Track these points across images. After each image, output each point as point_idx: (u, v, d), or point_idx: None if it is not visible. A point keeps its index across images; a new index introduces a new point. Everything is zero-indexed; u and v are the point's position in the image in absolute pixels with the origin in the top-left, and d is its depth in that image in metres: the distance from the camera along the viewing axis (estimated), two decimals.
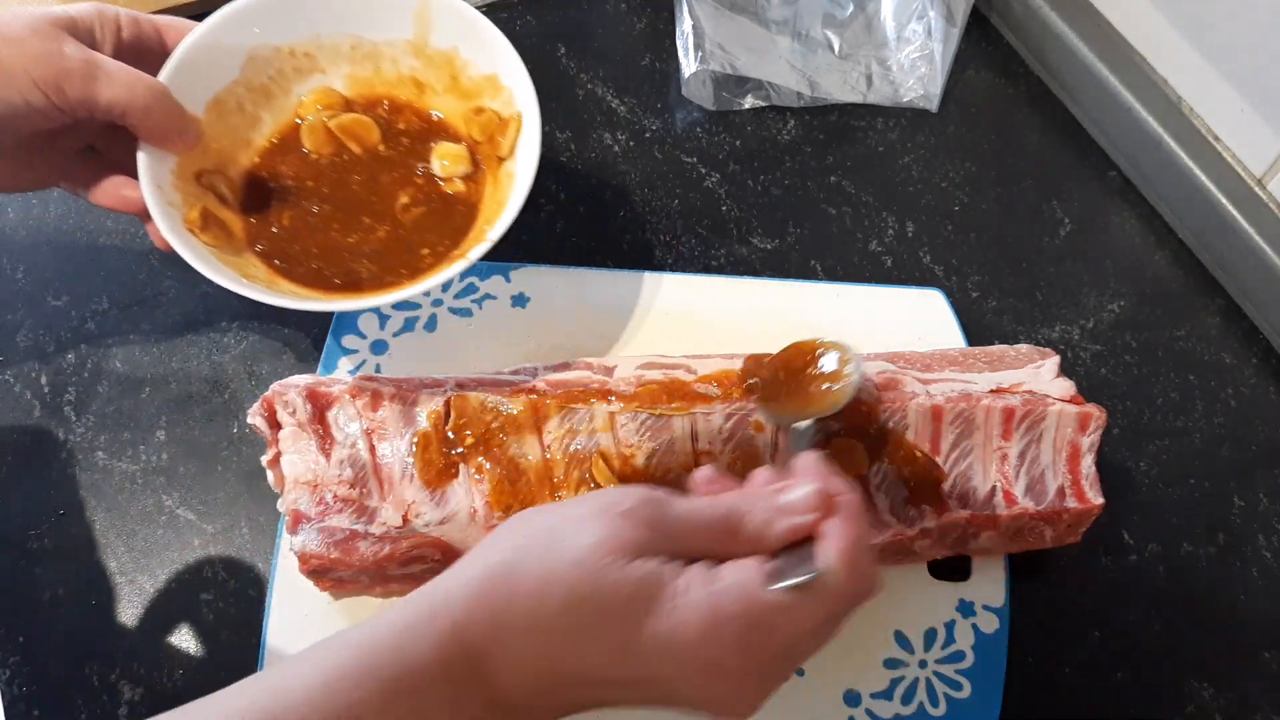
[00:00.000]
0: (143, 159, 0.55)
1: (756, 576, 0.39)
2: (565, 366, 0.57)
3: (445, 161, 0.62)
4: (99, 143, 0.57)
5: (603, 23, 0.81)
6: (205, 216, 0.56)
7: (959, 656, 0.57)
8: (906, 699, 0.56)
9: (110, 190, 0.56)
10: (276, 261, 0.59)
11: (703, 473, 0.45)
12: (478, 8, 0.80)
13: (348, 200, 0.61)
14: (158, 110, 0.53)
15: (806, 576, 0.39)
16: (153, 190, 0.54)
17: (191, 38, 0.57)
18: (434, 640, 0.38)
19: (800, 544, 0.41)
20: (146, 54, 0.56)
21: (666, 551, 0.40)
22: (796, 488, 0.42)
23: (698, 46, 0.75)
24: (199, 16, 0.59)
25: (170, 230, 0.54)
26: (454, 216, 0.61)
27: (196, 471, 0.61)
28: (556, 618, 0.38)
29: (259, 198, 0.60)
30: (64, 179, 0.57)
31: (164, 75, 0.56)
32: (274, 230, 0.59)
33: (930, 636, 0.57)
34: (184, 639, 0.57)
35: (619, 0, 0.82)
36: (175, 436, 0.62)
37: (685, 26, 0.76)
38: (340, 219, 0.60)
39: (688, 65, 0.75)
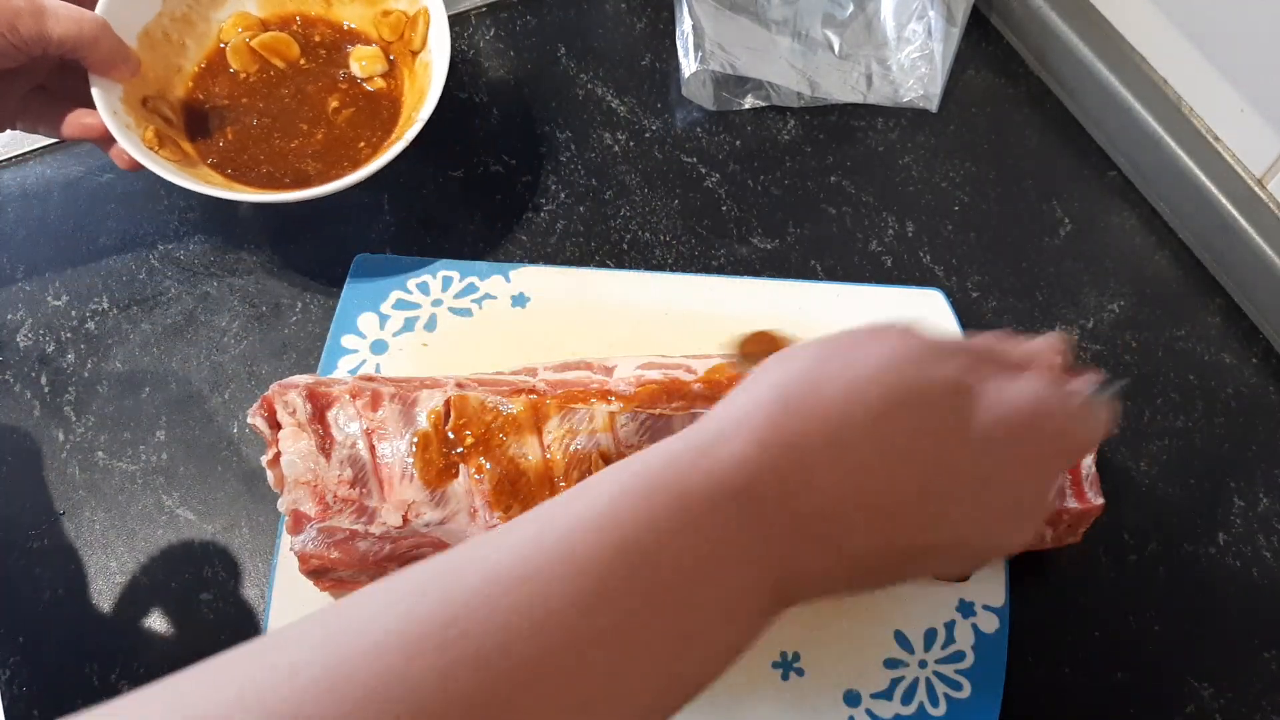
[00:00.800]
0: (96, 90, 0.61)
1: (1058, 384, 0.39)
2: (565, 366, 0.57)
3: (363, 63, 0.69)
4: (48, 82, 0.62)
5: (603, 23, 0.81)
6: (159, 136, 0.63)
7: (959, 656, 0.57)
8: (906, 699, 0.56)
9: (73, 121, 0.62)
10: (229, 171, 0.65)
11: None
12: (477, 8, 0.80)
13: (282, 111, 0.68)
14: (103, 42, 0.59)
15: (1116, 386, 0.41)
16: (110, 115, 0.60)
17: None
18: (734, 457, 0.34)
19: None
20: None
21: (954, 364, 0.38)
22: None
23: (698, 46, 0.75)
24: None
25: (133, 147, 0.60)
26: (380, 111, 0.69)
27: (196, 471, 0.61)
28: (871, 428, 0.35)
29: (200, 120, 0.67)
30: (20, 118, 0.62)
31: (99, 9, 0.61)
32: (220, 145, 0.66)
33: (930, 636, 0.57)
34: (184, 639, 0.57)
35: (619, 0, 0.82)
36: (175, 436, 0.62)
37: (685, 26, 0.76)
38: (279, 128, 0.67)
39: (688, 65, 0.75)
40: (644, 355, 0.58)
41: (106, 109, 0.60)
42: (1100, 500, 0.57)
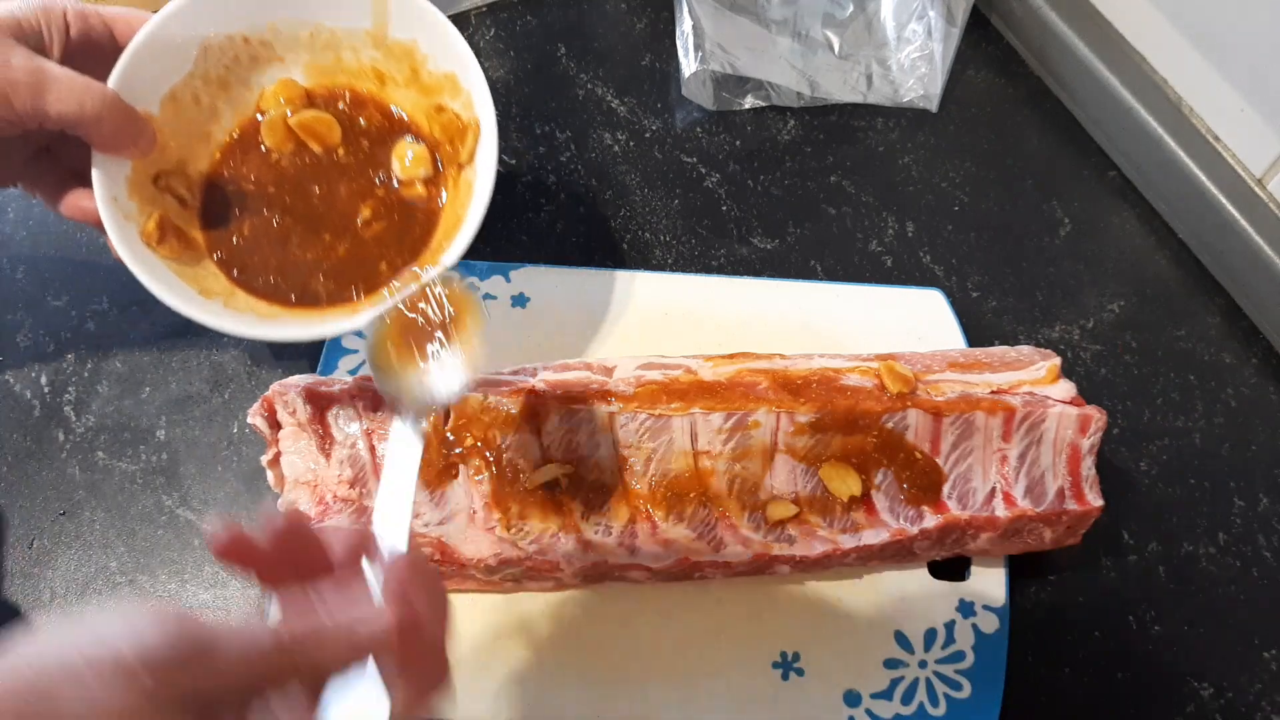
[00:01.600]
0: (97, 172, 0.53)
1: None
2: (565, 367, 0.57)
3: (406, 161, 0.60)
4: (53, 145, 0.56)
5: (603, 23, 0.81)
6: (163, 226, 0.55)
7: (959, 656, 0.57)
8: (906, 699, 0.56)
9: (71, 203, 0.55)
10: (235, 271, 0.57)
11: (281, 522, 0.37)
12: (477, 8, 0.80)
13: (309, 213, 0.59)
14: (109, 119, 0.51)
15: None
16: (107, 203, 0.53)
17: (142, 34, 0.54)
18: None
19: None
20: (96, 51, 0.53)
21: (196, 709, 0.31)
22: (368, 610, 0.36)
23: (698, 46, 0.75)
24: None
25: (124, 246, 0.52)
26: (413, 228, 0.59)
27: (196, 471, 0.61)
28: None
29: (219, 202, 0.58)
30: (20, 181, 0.56)
31: (115, 76, 0.53)
32: (234, 240, 0.58)
33: (930, 636, 0.57)
34: None
35: (619, 0, 0.82)
36: (175, 436, 0.62)
37: (685, 26, 0.76)
38: (300, 232, 0.59)
39: (688, 65, 0.75)
40: (644, 355, 0.58)
41: (105, 195, 0.53)
42: (1100, 502, 0.57)
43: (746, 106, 0.77)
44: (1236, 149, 0.69)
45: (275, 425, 0.54)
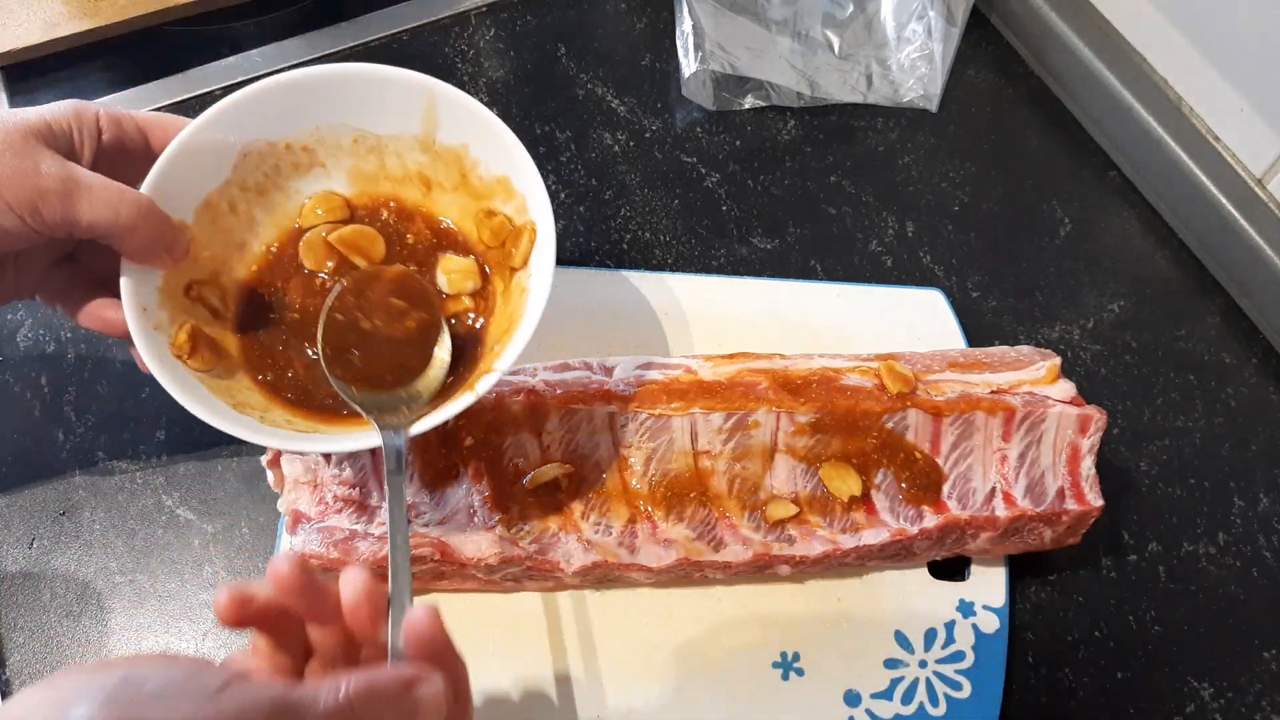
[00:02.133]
0: (126, 282, 0.49)
1: None
2: (565, 367, 0.57)
3: (452, 276, 0.55)
4: (77, 252, 0.53)
5: (603, 23, 0.81)
6: (194, 337, 0.51)
7: (959, 656, 0.57)
8: (906, 699, 0.56)
9: (92, 313, 0.52)
10: (263, 377, 0.53)
11: (285, 569, 0.38)
12: (477, 8, 0.79)
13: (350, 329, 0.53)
14: (143, 228, 0.48)
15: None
16: (136, 314, 0.49)
17: (179, 139, 0.51)
18: None
19: None
20: (129, 155, 0.51)
21: None
22: (425, 686, 0.37)
23: (698, 46, 0.75)
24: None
25: (154, 358, 0.48)
26: (462, 335, 0.55)
27: (196, 471, 0.61)
28: None
29: (257, 314, 0.54)
30: (39, 292, 0.53)
31: (150, 182, 0.50)
32: (271, 355, 0.54)
33: (930, 636, 0.57)
34: (184, 639, 0.57)
35: (619, 0, 0.82)
36: (175, 436, 0.62)
37: (685, 26, 0.76)
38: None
39: (688, 65, 0.75)
40: (644, 355, 0.58)
41: (134, 305, 0.49)
42: (1100, 502, 0.57)
43: (746, 106, 0.77)
44: (1236, 149, 0.69)
45: None
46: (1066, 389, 0.58)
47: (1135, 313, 0.71)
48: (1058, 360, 0.59)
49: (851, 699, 0.56)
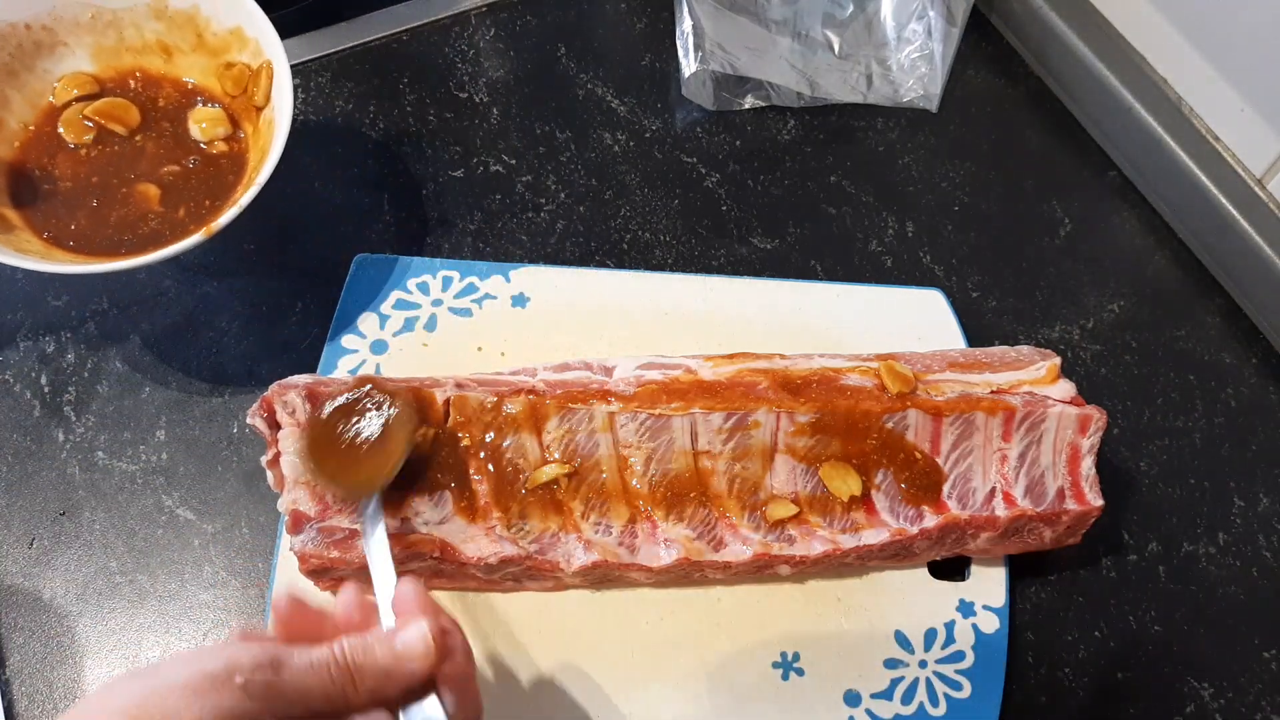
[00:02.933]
0: None
1: None
2: (565, 367, 0.57)
3: (203, 125, 0.63)
4: None
5: (603, 23, 0.81)
6: None
7: (959, 656, 0.57)
8: (906, 699, 0.56)
9: None
10: (70, 244, 0.59)
11: (284, 603, 0.42)
12: (477, 8, 0.80)
13: (117, 185, 0.62)
14: None
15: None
16: None
17: None
18: None
19: (418, 691, 0.41)
20: None
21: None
22: (408, 630, 0.40)
23: (698, 46, 0.75)
24: None
25: None
26: (224, 175, 0.63)
27: (196, 471, 0.61)
28: None
29: (32, 187, 0.61)
30: None
31: None
32: (52, 221, 0.60)
33: (930, 636, 0.57)
34: (184, 639, 0.57)
35: (619, 0, 0.82)
36: (175, 436, 0.62)
37: (685, 26, 0.76)
38: (109, 201, 0.61)
39: (688, 65, 0.75)
40: (644, 355, 0.58)
41: None
42: (1100, 502, 0.57)
43: (746, 106, 0.77)
44: (1236, 149, 0.69)
45: (274, 425, 0.54)
46: (1066, 389, 0.58)
47: (1135, 313, 0.71)
48: (1058, 360, 0.59)
49: (851, 699, 0.56)
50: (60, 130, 0.62)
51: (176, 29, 0.64)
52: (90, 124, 0.62)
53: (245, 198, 0.57)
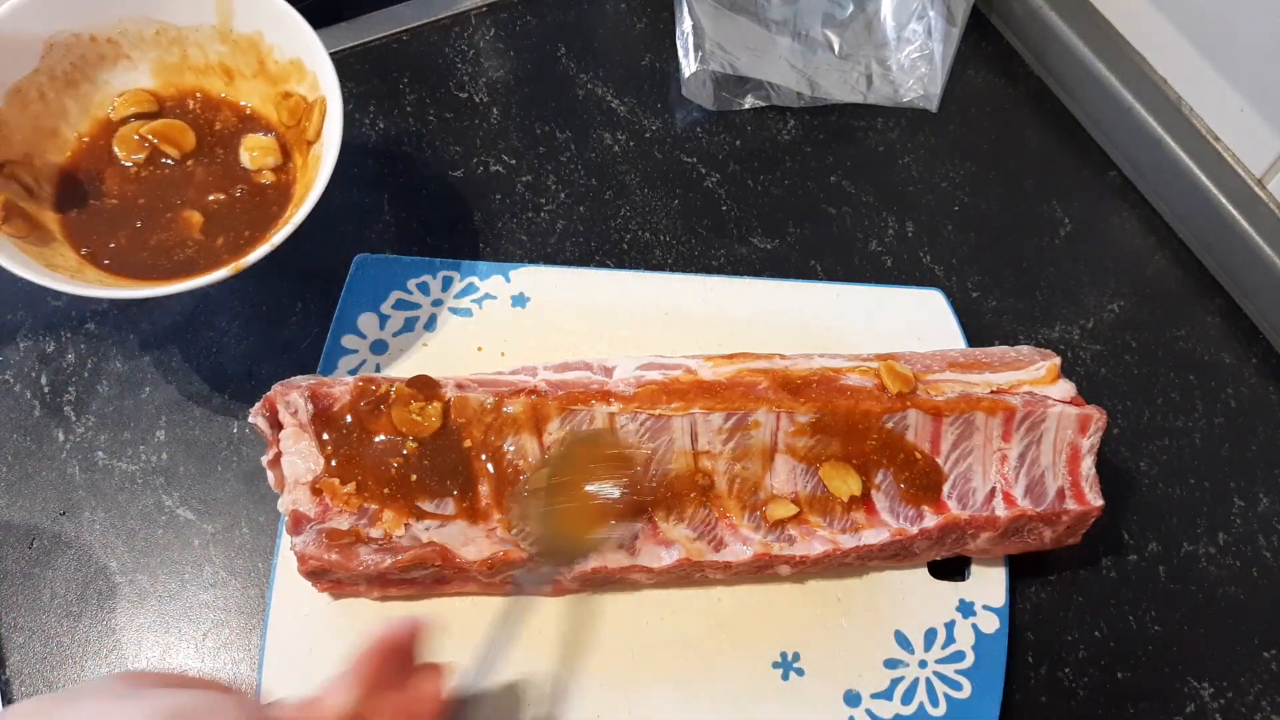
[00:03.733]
0: None
1: None
2: (565, 367, 0.57)
3: (254, 153, 0.63)
4: None
5: (603, 23, 0.81)
6: (7, 208, 0.56)
7: (959, 656, 0.57)
8: (906, 699, 0.56)
9: None
10: (106, 263, 0.58)
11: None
12: (477, 8, 0.80)
13: (163, 207, 0.61)
14: None
15: None
16: None
17: None
18: None
19: None
20: None
21: None
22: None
23: (698, 46, 0.75)
24: None
25: None
26: (268, 205, 0.62)
27: (196, 471, 0.61)
28: None
29: (76, 196, 0.60)
30: None
31: None
32: (91, 235, 0.59)
33: (930, 636, 0.57)
34: (184, 639, 0.57)
35: (619, 0, 0.82)
36: (175, 436, 0.62)
37: (685, 26, 0.76)
38: (157, 228, 0.60)
39: (688, 65, 0.75)
40: (644, 355, 0.58)
41: None
42: (1100, 502, 0.57)
43: (746, 106, 0.77)
44: (1236, 149, 0.69)
45: (276, 425, 0.54)
46: (1066, 389, 0.58)
47: (1135, 313, 0.71)
48: (1058, 360, 0.59)
49: (851, 699, 0.56)
50: (114, 146, 0.62)
51: (240, 53, 0.63)
52: (145, 144, 0.62)
53: (277, 237, 0.56)
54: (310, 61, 0.61)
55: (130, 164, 0.62)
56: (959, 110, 0.79)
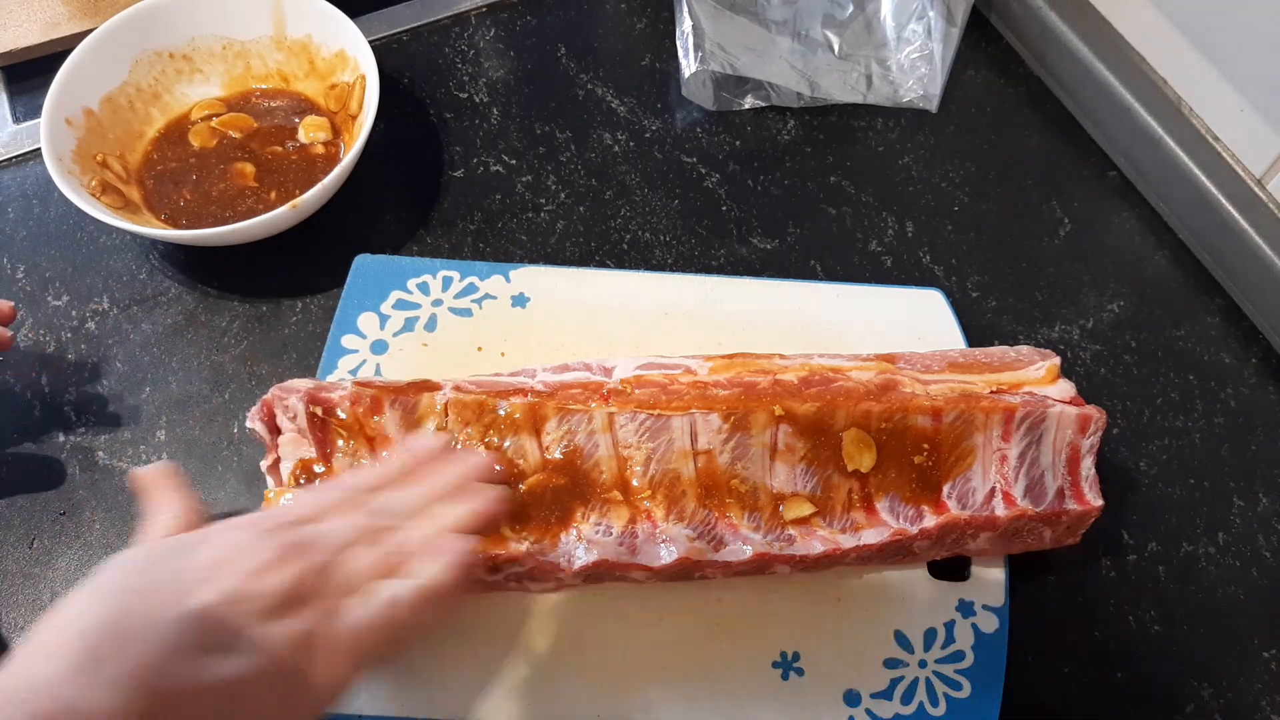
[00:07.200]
0: (45, 139, 0.65)
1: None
2: (565, 367, 0.57)
3: (310, 131, 0.72)
4: None
5: (603, 23, 0.81)
6: (104, 185, 0.67)
7: (959, 656, 0.57)
8: (906, 699, 0.56)
9: None
10: (164, 216, 0.69)
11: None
12: (477, 8, 0.80)
13: (217, 163, 0.71)
14: None
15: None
16: (53, 160, 0.64)
17: (83, 46, 0.68)
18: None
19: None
20: None
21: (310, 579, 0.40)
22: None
23: (698, 46, 0.75)
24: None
25: (71, 191, 0.63)
26: (316, 171, 0.71)
27: (196, 471, 0.61)
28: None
29: (155, 177, 0.70)
30: None
31: (60, 80, 0.66)
32: (165, 202, 0.69)
33: (930, 636, 0.57)
34: None
35: (619, 0, 0.82)
36: (175, 436, 0.62)
37: (685, 26, 0.76)
38: (214, 179, 0.70)
39: (688, 65, 0.75)
40: (644, 355, 0.58)
41: (51, 159, 0.64)
42: (1099, 502, 0.57)
43: (746, 107, 0.77)
44: (1236, 149, 0.69)
45: (275, 430, 0.54)
46: (1066, 389, 0.58)
47: (1135, 313, 0.71)
48: (1057, 360, 0.59)
49: (851, 699, 0.56)
50: (189, 138, 0.72)
51: (294, 57, 0.74)
52: (215, 133, 0.72)
53: (331, 177, 0.65)
54: (351, 49, 0.71)
55: (199, 145, 0.72)
56: (959, 110, 0.79)
